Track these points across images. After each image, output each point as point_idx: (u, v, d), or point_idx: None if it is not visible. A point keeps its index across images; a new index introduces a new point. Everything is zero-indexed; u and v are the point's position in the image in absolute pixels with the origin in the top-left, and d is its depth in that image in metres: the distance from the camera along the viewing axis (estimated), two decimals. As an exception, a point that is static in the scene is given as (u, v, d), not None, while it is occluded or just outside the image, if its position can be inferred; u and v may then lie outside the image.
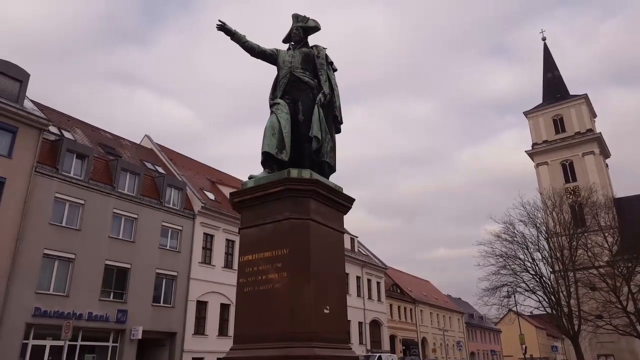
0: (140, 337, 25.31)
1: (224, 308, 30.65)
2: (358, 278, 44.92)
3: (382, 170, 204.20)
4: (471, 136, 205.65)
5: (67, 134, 26.68)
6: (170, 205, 29.16)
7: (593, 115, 58.14)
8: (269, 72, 7.59)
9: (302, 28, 7.51)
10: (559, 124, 56.29)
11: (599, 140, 54.02)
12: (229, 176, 40.67)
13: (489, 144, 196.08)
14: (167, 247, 28.53)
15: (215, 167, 41.45)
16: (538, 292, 41.02)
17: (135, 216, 27.02)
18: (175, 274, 28.42)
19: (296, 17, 7.66)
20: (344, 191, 6.83)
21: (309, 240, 5.91)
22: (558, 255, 40.01)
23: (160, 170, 31.48)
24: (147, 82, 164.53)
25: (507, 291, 40.76)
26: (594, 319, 38.43)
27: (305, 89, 7.07)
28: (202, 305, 29.60)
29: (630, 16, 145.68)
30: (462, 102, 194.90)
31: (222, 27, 7.17)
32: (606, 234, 38.66)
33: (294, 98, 7.04)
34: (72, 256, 23.62)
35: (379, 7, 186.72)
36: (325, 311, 5.85)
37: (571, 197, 49.12)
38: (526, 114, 58.54)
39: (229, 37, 7.29)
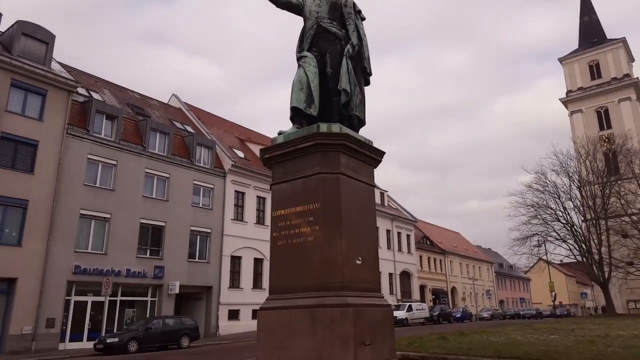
0: (177, 291, 26.32)
1: (258, 262, 31.49)
2: (388, 231, 45.28)
3: (414, 123, 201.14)
4: (506, 86, 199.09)
5: (95, 95, 27.00)
6: (201, 164, 29.59)
7: (631, 59, 55.55)
8: (298, 25, 7.41)
9: None
10: (594, 70, 54.09)
11: (637, 85, 51.86)
12: (258, 134, 40.83)
13: (523, 94, 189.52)
14: (200, 205, 29.16)
15: (244, 125, 41.59)
16: (569, 241, 41.12)
17: (167, 175, 27.55)
18: (209, 230, 29.17)
19: (321, -36, 7.38)
20: (375, 145, 6.76)
21: (340, 193, 5.93)
22: (590, 203, 39.71)
23: (189, 129, 31.78)
24: (175, 40, 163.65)
25: (538, 240, 40.85)
26: (625, 265, 38.34)
27: (332, 40, 6.90)
28: (236, 260, 30.47)
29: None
30: (497, 51, 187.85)
31: None
32: (640, 182, 37.92)
33: (321, 50, 6.89)
34: (108, 216, 24.38)
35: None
36: (357, 262, 5.94)
37: (605, 144, 47.98)
38: (561, 60, 56.37)
39: None
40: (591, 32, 56.04)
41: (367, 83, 7.21)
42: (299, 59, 6.97)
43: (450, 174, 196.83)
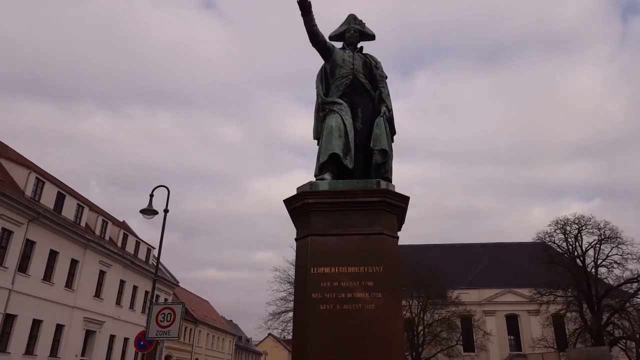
0: None
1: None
2: (146, 293, 41.16)
3: (172, 182, 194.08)
4: (267, 170, 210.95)
5: None
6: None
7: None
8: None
9: (360, 32, 7.19)
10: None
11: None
12: (10, 148, 32.28)
13: (281, 180, 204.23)
14: None
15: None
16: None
17: None
18: None
19: (354, 19, 7.34)
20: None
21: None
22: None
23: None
24: None
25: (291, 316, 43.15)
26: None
27: (366, 96, 6.78)
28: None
29: (410, 103, 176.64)
30: (267, 137, 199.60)
31: (304, 1, 6.26)
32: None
33: (353, 103, 6.64)
34: None
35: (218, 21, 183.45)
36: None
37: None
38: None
39: (301, 12, 6.39)
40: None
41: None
42: (330, 103, 6.55)
43: (195, 239, 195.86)
